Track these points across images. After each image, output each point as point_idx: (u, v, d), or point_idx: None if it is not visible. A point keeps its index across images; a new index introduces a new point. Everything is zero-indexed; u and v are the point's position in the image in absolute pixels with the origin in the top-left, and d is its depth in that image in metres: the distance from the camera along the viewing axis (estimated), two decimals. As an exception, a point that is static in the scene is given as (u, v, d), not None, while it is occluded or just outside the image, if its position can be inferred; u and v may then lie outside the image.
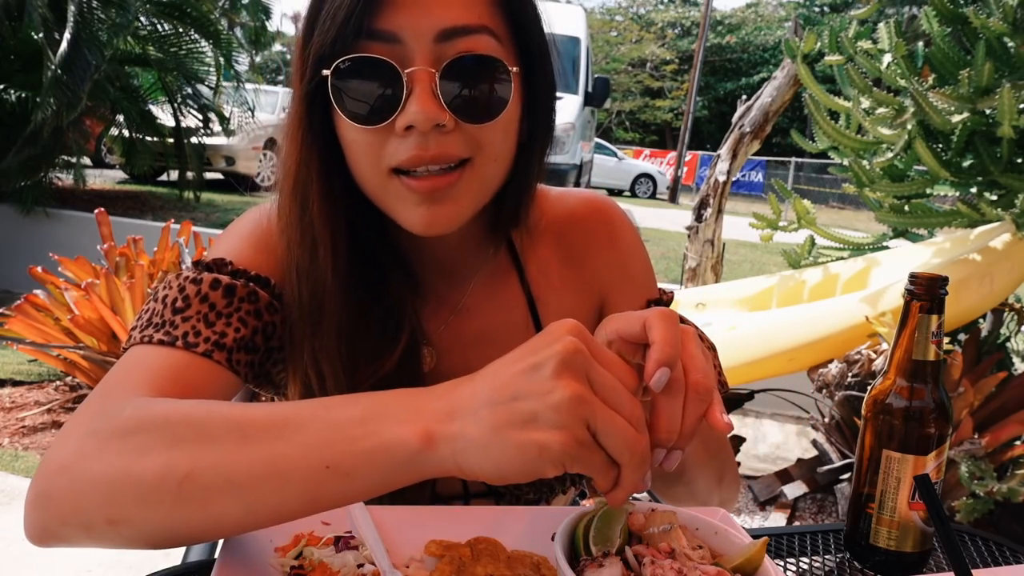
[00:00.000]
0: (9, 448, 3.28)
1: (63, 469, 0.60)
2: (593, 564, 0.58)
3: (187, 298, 0.75)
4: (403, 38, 0.69)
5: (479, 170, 0.74)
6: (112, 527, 0.58)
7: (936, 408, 0.80)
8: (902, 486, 0.80)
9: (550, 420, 0.50)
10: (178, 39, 7.51)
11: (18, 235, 5.96)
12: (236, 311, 0.75)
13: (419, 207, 0.73)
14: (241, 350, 0.74)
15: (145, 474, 0.56)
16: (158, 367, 0.70)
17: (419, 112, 0.68)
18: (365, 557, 0.66)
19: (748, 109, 4.62)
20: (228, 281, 0.76)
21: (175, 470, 0.56)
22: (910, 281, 0.80)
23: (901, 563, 0.82)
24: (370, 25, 0.68)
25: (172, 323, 0.73)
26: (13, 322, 3.42)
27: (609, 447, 0.51)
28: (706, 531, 0.65)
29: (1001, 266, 2.74)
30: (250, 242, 0.80)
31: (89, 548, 0.62)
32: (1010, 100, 2.49)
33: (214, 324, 0.74)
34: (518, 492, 0.89)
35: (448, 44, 0.70)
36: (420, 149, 0.70)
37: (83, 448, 0.60)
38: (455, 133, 0.71)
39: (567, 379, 0.50)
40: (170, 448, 0.57)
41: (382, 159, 0.72)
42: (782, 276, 3.48)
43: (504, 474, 0.51)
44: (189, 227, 4.22)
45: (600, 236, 0.92)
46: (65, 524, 0.60)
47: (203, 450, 0.56)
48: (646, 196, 20.29)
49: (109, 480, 0.57)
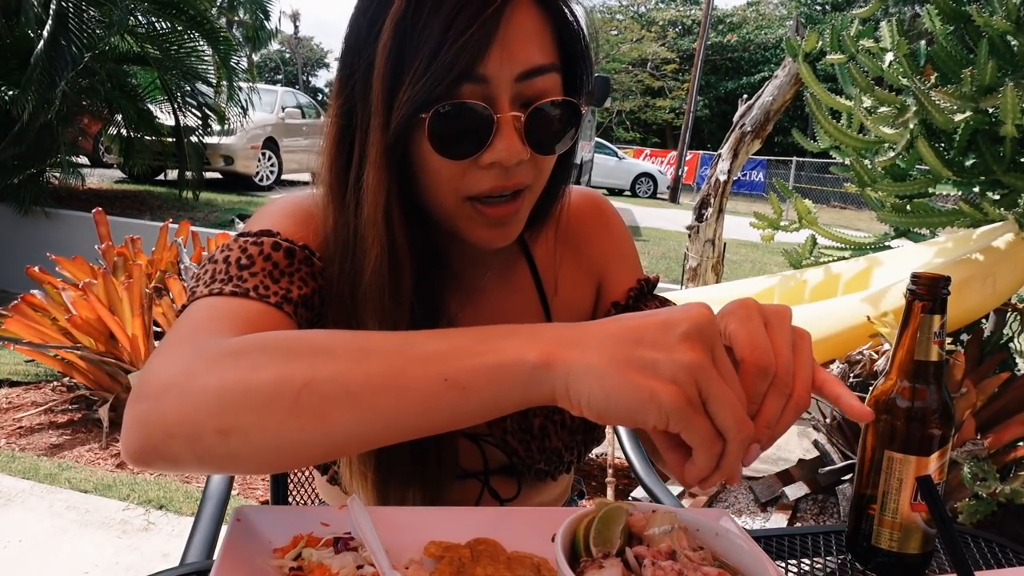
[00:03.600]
0: (6, 448, 3.28)
1: (170, 387, 0.60)
2: (593, 565, 0.58)
3: (251, 256, 0.79)
4: (492, 79, 0.74)
5: (535, 190, 0.83)
6: (222, 438, 0.57)
7: (938, 409, 0.80)
8: (904, 487, 0.80)
9: (668, 372, 0.51)
10: (177, 38, 7.51)
11: (15, 235, 5.96)
12: (297, 271, 0.80)
13: (488, 229, 0.81)
14: (304, 306, 0.79)
15: (262, 384, 0.57)
16: (236, 313, 0.72)
17: (506, 151, 0.74)
18: (364, 558, 0.66)
19: (749, 108, 4.61)
20: (288, 244, 0.81)
21: (293, 380, 0.56)
22: (912, 281, 0.80)
23: (903, 564, 0.82)
24: (472, 71, 0.72)
25: (240, 277, 0.76)
26: (10, 322, 3.41)
27: (718, 418, 0.52)
28: (707, 532, 0.65)
29: (1004, 266, 2.74)
30: (293, 219, 0.85)
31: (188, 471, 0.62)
32: (1013, 99, 2.49)
33: (279, 280, 0.78)
34: (531, 463, 0.94)
35: (526, 83, 0.75)
36: (502, 180, 0.77)
37: (191, 367, 0.60)
38: (528, 163, 0.78)
39: (694, 343, 0.52)
40: (288, 361, 0.58)
41: (461, 188, 0.78)
42: (783, 276, 3.48)
43: (611, 407, 0.52)
44: (187, 227, 4.22)
45: (596, 225, 1.03)
46: (171, 436, 0.59)
47: (322, 363, 0.57)
48: (646, 196, 20.30)
49: (224, 390, 0.58)
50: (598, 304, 1.03)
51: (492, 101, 0.74)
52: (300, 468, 1.08)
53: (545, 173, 0.82)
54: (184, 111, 7.73)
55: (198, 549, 1.06)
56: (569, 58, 0.81)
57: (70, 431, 3.48)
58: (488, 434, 0.93)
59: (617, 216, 1.07)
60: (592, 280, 1.02)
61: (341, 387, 0.56)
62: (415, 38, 0.72)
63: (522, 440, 0.93)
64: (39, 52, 5.89)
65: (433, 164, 0.77)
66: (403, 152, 0.78)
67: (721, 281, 4.68)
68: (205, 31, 7.57)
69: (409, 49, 0.73)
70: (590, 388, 0.52)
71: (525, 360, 0.54)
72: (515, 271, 0.98)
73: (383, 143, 0.76)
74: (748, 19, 31.79)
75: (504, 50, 0.73)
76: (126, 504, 2.87)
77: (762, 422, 0.56)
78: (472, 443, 0.93)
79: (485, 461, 0.93)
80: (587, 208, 1.03)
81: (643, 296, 1.01)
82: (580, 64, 0.82)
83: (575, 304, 1.00)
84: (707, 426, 0.52)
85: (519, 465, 0.94)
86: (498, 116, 0.74)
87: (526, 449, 0.93)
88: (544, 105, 0.76)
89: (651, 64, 29.45)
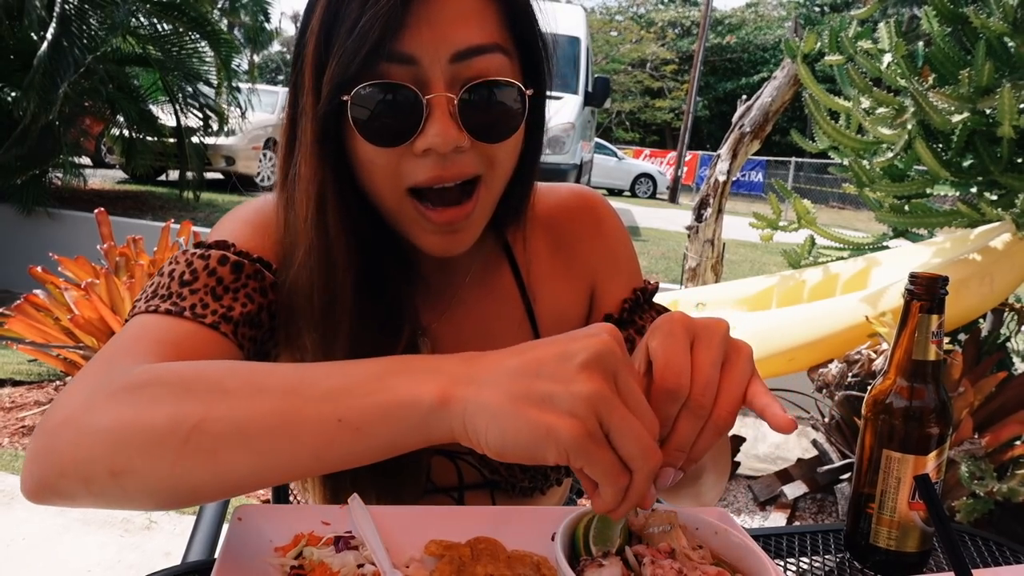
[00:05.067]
0: (9, 448, 3.28)
1: (67, 421, 0.59)
2: (593, 564, 0.58)
3: (195, 271, 0.75)
4: (420, 60, 0.69)
5: (490, 186, 0.76)
6: (114, 479, 0.57)
7: (936, 408, 0.80)
8: (902, 486, 0.80)
9: (566, 405, 0.49)
10: (178, 39, 7.51)
11: (18, 235, 5.96)
12: (243, 287, 0.76)
13: (435, 235, 0.75)
14: (247, 325, 0.75)
15: (154, 422, 0.55)
16: (164, 335, 0.70)
17: (438, 136, 0.69)
18: (365, 557, 0.66)
19: (748, 109, 4.61)
20: (235, 258, 0.77)
21: (186, 419, 0.55)
22: (910, 281, 0.80)
23: (901, 563, 0.82)
24: (389, 48, 0.68)
25: (180, 295, 0.73)
26: (13, 322, 3.42)
27: (622, 449, 0.50)
28: (706, 531, 0.65)
29: (1001, 266, 2.74)
30: (251, 227, 0.82)
31: (83, 507, 0.61)
32: (1010, 100, 2.49)
33: (221, 298, 0.74)
34: (513, 481, 0.89)
35: (463, 64, 0.70)
36: (439, 169, 0.71)
37: (90, 401, 0.59)
38: (470, 152, 0.72)
39: (593, 372, 0.50)
40: (181, 398, 0.56)
41: (399, 179, 0.73)
42: (782, 276, 3.48)
43: (507, 446, 0.50)
44: (189, 227, 4.22)
45: (587, 226, 0.94)
46: (64, 476, 0.58)
47: (215, 400, 0.55)
48: (646, 196, 20.29)
49: (116, 429, 0.56)
50: (592, 313, 0.94)
51: (424, 84, 0.70)
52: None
53: (501, 166, 0.75)
54: (186, 112, 7.72)
55: (199, 548, 1.06)
56: (523, 43, 0.76)
57: (71, 431, 3.49)
58: (467, 452, 0.84)
59: (613, 217, 0.98)
60: (584, 286, 0.94)
61: (233, 426, 0.54)
62: (342, 16, 0.69)
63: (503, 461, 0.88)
64: (42, 54, 5.89)
65: (367, 153, 0.72)
66: (337, 140, 0.74)
67: (720, 281, 4.68)
68: (206, 32, 7.57)
69: (336, 28, 0.70)
70: (487, 426, 0.50)
71: (420, 400, 0.52)
72: (496, 277, 0.90)
73: (313, 129, 0.73)
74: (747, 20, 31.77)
75: (433, 29, 0.69)
76: (127, 504, 2.87)
77: (673, 445, 0.54)
78: (448, 460, 0.88)
79: (460, 478, 0.89)
80: (579, 207, 0.95)
81: (638, 307, 0.93)
82: (535, 49, 0.77)
83: (564, 313, 0.92)
84: (610, 459, 0.50)
85: (501, 483, 0.89)
86: (428, 98, 0.69)
87: (507, 468, 0.88)
88: (480, 86, 0.70)
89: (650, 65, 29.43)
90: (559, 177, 8.57)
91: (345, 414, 0.53)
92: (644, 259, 8.63)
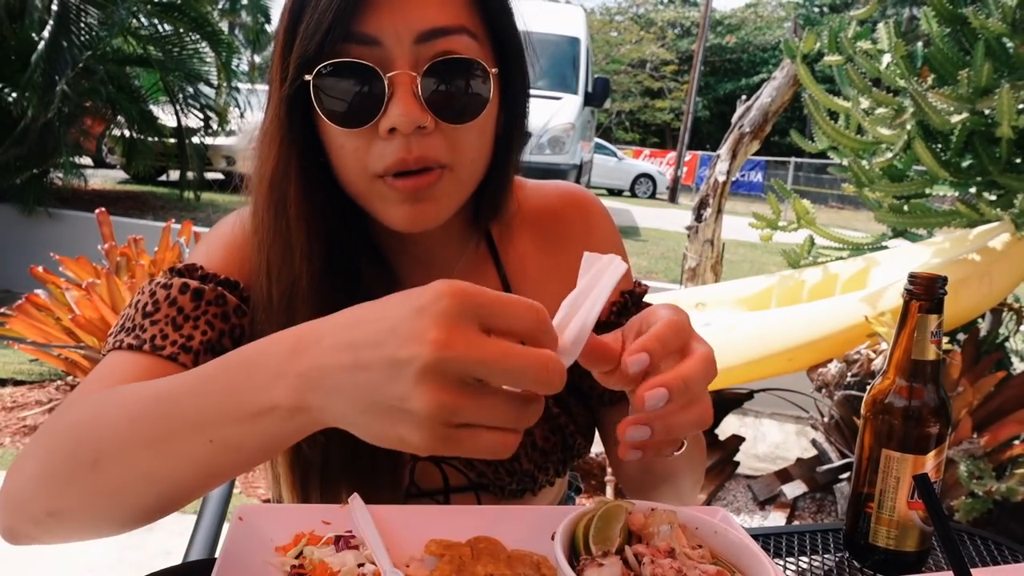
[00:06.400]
0: (10, 447, 3.28)
1: (15, 467, 0.64)
2: (593, 563, 0.58)
3: (157, 302, 0.77)
4: (383, 41, 0.70)
5: (457, 173, 0.75)
6: (54, 518, 0.61)
7: (935, 408, 0.80)
8: (901, 485, 0.81)
9: (411, 421, 0.47)
10: (179, 40, 7.52)
11: (19, 235, 5.96)
12: (203, 314, 0.77)
13: (402, 206, 0.74)
14: (208, 352, 0.75)
15: (62, 467, 0.60)
16: (124, 372, 0.72)
17: (401, 115, 0.69)
18: (365, 557, 0.66)
19: (748, 109, 4.61)
20: (196, 285, 0.77)
21: (84, 462, 0.58)
22: (909, 281, 0.80)
23: (900, 562, 0.83)
24: (351, 29, 0.69)
25: (142, 327, 0.75)
26: (14, 322, 3.42)
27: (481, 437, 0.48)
28: (706, 530, 0.65)
29: (1000, 266, 2.75)
30: (221, 245, 0.82)
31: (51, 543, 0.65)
32: (1009, 100, 2.49)
33: (181, 327, 0.75)
34: (501, 484, 0.88)
35: (427, 45, 0.71)
36: (404, 152, 0.71)
37: (31, 446, 0.64)
38: (436, 134, 0.72)
39: (429, 382, 0.45)
40: (80, 442, 0.60)
41: (368, 164, 0.73)
42: (781, 276, 3.48)
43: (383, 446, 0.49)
44: (190, 227, 4.22)
45: (577, 226, 0.93)
46: (20, 520, 0.63)
47: (107, 438, 0.58)
48: (646, 196, 20.28)
49: (39, 474, 0.61)
50: None
51: (387, 65, 0.70)
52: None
53: (464, 151, 0.74)
54: (186, 112, 7.72)
55: (200, 547, 1.06)
56: (495, 29, 0.76)
57: (71, 431, 3.49)
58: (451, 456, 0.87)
59: (605, 216, 0.96)
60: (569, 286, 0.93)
61: (123, 466, 0.57)
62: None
63: (488, 462, 0.86)
64: (40, 52, 5.89)
65: (335, 138, 0.73)
66: (304, 125, 0.74)
67: (720, 281, 4.68)
68: (207, 33, 7.57)
69: (304, 9, 0.70)
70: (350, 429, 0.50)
71: (278, 405, 0.51)
72: (481, 278, 0.88)
73: (276, 109, 0.74)
74: (747, 20, 31.76)
75: (396, 10, 0.69)
76: (127, 504, 2.87)
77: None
78: (432, 464, 0.87)
79: (445, 481, 0.88)
80: (568, 205, 0.93)
81: (626, 311, 0.92)
82: (509, 36, 0.77)
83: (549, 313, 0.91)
84: (472, 445, 0.48)
85: (489, 486, 0.88)
86: (390, 75, 0.69)
87: (494, 471, 0.87)
88: (442, 64, 0.70)
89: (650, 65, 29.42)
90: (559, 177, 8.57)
91: (215, 435, 0.54)
92: (644, 259, 8.63)
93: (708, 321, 3.08)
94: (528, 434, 0.87)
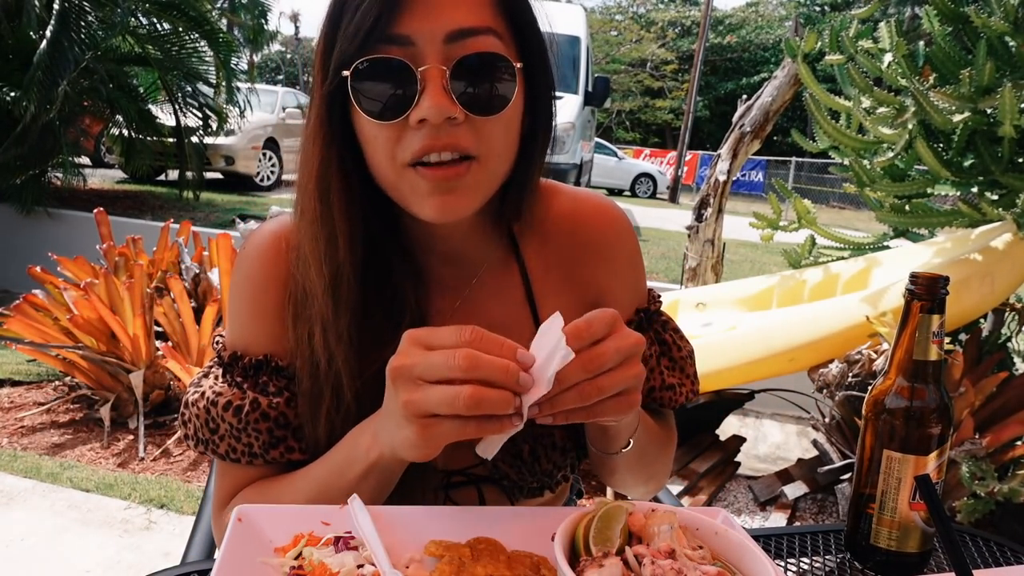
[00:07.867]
0: (8, 448, 3.28)
1: None
2: (593, 564, 0.58)
3: (213, 419, 0.87)
4: (416, 41, 0.75)
5: (485, 164, 0.79)
6: None
7: (937, 408, 0.80)
8: (903, 486, 0.80)
9: (401, 424, 0.68)
10: (178, 39, 7.52)
11: (17, 235, 5.96)
12: (248, 423, 0.86)
13: (432, 196, 0.78)
14: (270, 448, 0.87)
15: None
16: (223, 475, 0.90)
17: (431, 107, 0.74)
18: (365, 557, 0.66)
19: (748, 109, 4.61)
20: (237, 402, 0.87)
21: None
22: (911, 281, 0.80)
23: (902, 563, 0.82)
24: (386, 31, 0.75)
25: (213, 442, 0.88)
26: (12, 322, 3.41)
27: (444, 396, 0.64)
28: (706, 531, 0.65)
29: (1002, 266, 2.74)
30: (251, 314, 0.89)
31: None
32: (1011, 99, 2.49)
33: (240, 438, 0.87)
34: (522, 484, 0.93)
35: (457, 45, 0.75)
36: (432, 139, 0.76)
37: None
38: (464, 126, 0.77)
39: (399, 390, 0.68)
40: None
41: (398, 153, 0.77)
42: (782, 276, 3.48)
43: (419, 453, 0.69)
44: (188, 227, 4.22)
45: (603, 242, 0.96)
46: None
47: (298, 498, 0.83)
48: (646, 196, 20.30)
49: None
50: None
51: (419, 61, 0.75)
52: None
53: (492, 143, 0.79)
54: (185, 112, 7.73)
55: (199, 548, 1.06)
56: (519, 30, 0.81)
57: (71, 431, 3.49)
58: (478, 464, 0.91)
59: (631, 234, 0.99)
60: (587, 300, 0.94)
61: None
62: (350, 2, 0.76)
63: (513, 465, 0.91)
64: (41, 53, 5.89)
65: (369, 131, 0.78)
66: (343, 120, 0.79)
67: (720, 281, 4.68)
68: (206, 32, 7.58)
69: (344, 13, 0.76)
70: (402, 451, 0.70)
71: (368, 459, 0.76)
72: (505, 279, 0.93)
73: (319, 107, 0.79)
74: (747, 20, 31.78)
75: (429, 12, 0.75)
76: (127, 503, 2.87)
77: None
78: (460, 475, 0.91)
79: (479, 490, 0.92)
80: (597, 219, 0.96)
81: (642, 330, 0.95)
82: (532, 37, 0.82)
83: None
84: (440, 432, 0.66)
85: (510, 487, 0.92)
86: (421, 70, 0.74)
87: (518, 473, 0.92)
88: (471, 59, 0.76)
89: (651, 65, 29.45)
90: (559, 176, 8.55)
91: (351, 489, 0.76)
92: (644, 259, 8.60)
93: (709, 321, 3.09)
94: (548, 435, 0.92)
